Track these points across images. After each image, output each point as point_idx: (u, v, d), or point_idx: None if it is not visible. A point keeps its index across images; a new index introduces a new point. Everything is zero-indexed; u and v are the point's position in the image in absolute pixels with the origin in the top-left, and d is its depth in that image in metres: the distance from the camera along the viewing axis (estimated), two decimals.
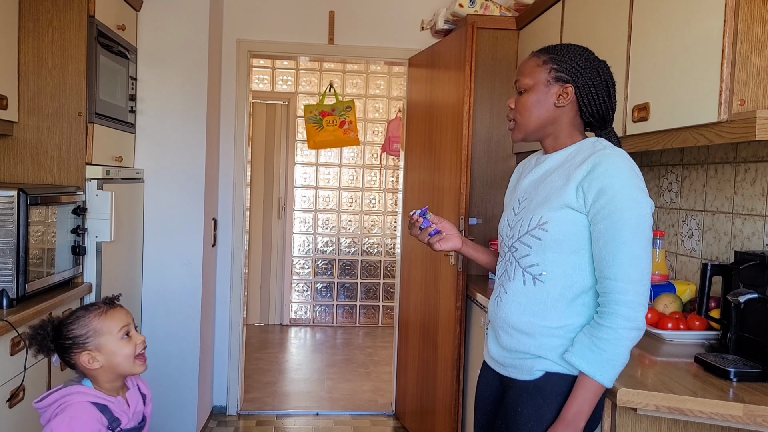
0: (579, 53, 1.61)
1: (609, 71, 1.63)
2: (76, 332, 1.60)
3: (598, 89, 1.60)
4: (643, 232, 1.46)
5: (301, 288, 6.29)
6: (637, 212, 1.46)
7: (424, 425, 3.51)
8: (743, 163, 2.09)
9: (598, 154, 1.53)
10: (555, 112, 1.61)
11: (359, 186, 6.28)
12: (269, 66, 6.12)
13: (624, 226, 1.45)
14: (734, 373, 1.58)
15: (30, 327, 1.62)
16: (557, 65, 1.60)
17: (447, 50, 3.34)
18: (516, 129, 1.68)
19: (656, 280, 2.26)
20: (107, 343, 1.61)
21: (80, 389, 1.61)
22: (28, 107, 2.71)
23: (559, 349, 1.53)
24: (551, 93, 1.61)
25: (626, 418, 1.58)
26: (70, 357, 1.62)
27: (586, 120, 1.64)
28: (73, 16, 2.71)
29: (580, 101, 1.61)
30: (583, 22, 2.46)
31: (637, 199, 1.46)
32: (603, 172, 1.49)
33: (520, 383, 1.58)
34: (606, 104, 1.61)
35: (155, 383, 3.36)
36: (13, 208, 2.24)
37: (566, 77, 1.60)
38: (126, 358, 1.62)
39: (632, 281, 1.45)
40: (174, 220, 3.36)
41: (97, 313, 1.63)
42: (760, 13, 1.61)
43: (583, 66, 1.59)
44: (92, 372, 1.62)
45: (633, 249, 1.45)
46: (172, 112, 3.35)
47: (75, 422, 1.54)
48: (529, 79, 1.63)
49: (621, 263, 1.45)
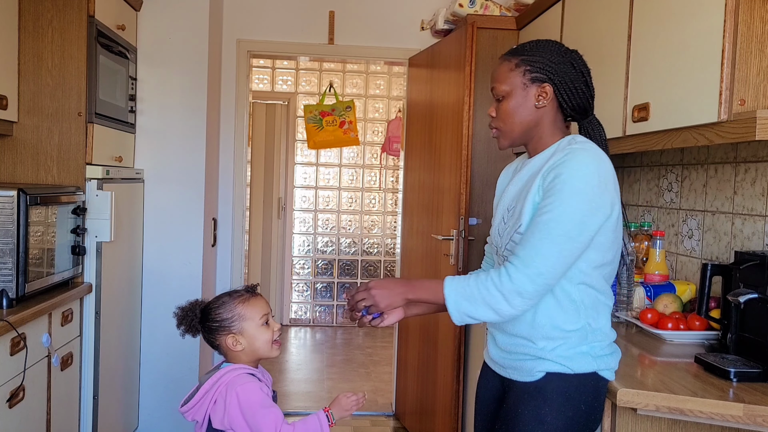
0: (550, 49, 1.58)
1: (582, 60, 1.60)
2: (223, 315, 1.74)
3: (576, 82, 1.57)
4: (563, 226, 1.43)
5: (301, 288, 6.29)
6: (574, 203, 1.44)
7: (424, 425, 3.51)
8: (743, 163, 2.09)
9: (566, 150, 1.51)
10: (537, 113, 1.59)
11: (359, 186, 6.28)
12: (269, 66, 6.12)
13: (555, 210, 1.44)
14: (734, 373, 1.58)
15: (179, 308, 1.78)
16: (531, 66, 1.57)
17: (447, 50, 3.34)
18: (501, 137, 1.65)
19: (656, 280, 2.26)
20: (249, 327, 1.75)
21: (229, 367, 1.74)
22: (27, 107, 2.71)
23: (559, 350, 1.53)
24: (530, 95, 1.58)
25: (626, 418, 1.58)
26: (215, 338, 1.76)
27: (568, 114, 1.62)
28: (72, 16, 2.71)
29: (559, 98, 1.58)
30: (583, 22, 2.46)
31: (582, 190, 1.44)
32: (563, 162, 1.48)
33: (521, 385, 1.57)
34: (585, 94, 1.59)
35: (155, 383, 3.36)
36: (13, 208, 2.24)
37: (542, 76, 1.57)
38: (265, 343, 1.76)
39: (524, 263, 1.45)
40: (174, 220, 3.36)
41: (241, 300, 1.77)
42: (760, 13, 1.61)
43: (557, 61, 1.56)
44: (235, 353, 1.76)
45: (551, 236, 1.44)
46: (172, 112, 3.35)
47: (249, 387, 1.68)
48: (505, 85, 1.60)
49: (536, 242, 1.45)
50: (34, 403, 2.29)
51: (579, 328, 1.53)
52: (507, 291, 1.46)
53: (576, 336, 1.53)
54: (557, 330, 1.53)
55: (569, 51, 1.60)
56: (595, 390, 1.54)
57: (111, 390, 2.98)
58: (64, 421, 2.58)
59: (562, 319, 1.53)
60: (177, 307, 1.78)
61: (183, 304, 1.79)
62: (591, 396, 1.54)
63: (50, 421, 2.43)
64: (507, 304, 1.47)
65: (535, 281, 1.45)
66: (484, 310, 1.49)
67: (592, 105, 1.62)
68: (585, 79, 1.59)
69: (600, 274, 1.55)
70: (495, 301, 1.47)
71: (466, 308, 1.50)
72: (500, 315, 1.49)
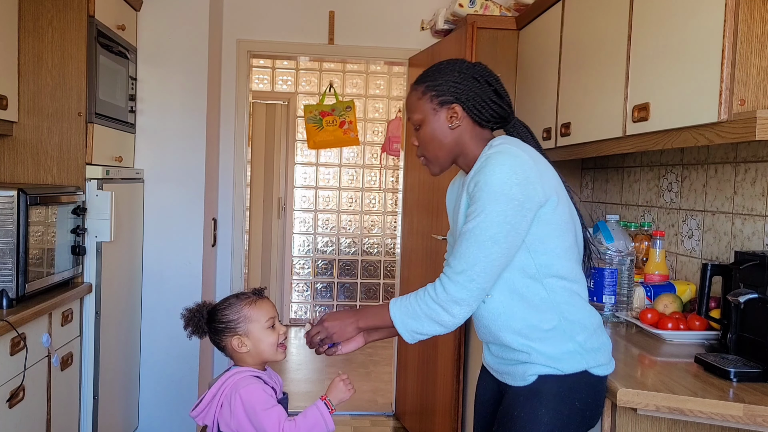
0: (451, 69, 1.62)
1: (486, 71, 1.63)
2: (229, 317, 1.74)
3: (483, 95, 1.60)
4: (488, 231, 1.45)
5: (301, 288, 6.29)
6: (492, 209, 1.45)
7: (424, 425, 3.51)
8: (743, 163, 2.09)
9: (482, 157, 1.54)
10: (454, 134, 1.62)
11: (359, 186, 6.28)
12: (269, 66, 6.12)
13: (479, 217, 1.46)
14: (734, 373, 1.57)
15: (187, 310, 1.78)
16: (436, 90, 1.61)
17: (447, 50, 3.34)
18: (429, 164, 1.69)
19: (656, 280, 2.26)
20: (255, 330, 1.74)
21: (234, 369, 1.74)
22: (27, 107, 2.71)
23: (545, 351, 1.52)
24: (442, 118, 1.61)
25: (626, 419, 1.58)
26: (221, 339, 1.76)
27: (487, 126, 1.64)
28: (72, 16, 2.71)
29: (470, 114, 1.61)
30: (583, 22, 2.46)
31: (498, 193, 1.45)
32: (480, 169, 1.50)
33: (516, 389, 1.58)
34: (497, 104, 1.62)
35: (155, 383, 3.36)
36: (13, 208, 2.24)
37: (449, 98, 1.60)
38: (270, 346, 1.75)
39: (456, 272, 1.49)
40: (174, 220, 3.36)
41: (247, 302, 1.77)
42: (761, 12, 1.61)
43: (460, 80, 1.60)
44: (240, 355, 1.76)
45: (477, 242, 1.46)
46: (172, 111, 3.35)
47: (252, 388, 1.68)
48: (417, 114, 1.64)
49: (466, 249, 1.47)
50: (34, 403, 2.29)
51: (555, 325, 1.52)
52: (444, 302, 1.50)
53: (556, 334, 1.53)
54: (535, 330, 1.53)
55: (471, 66, 1.63)
56: (588, 387, 1.54)
57: (111, 390, 2.98)
58: (64, 421, 2.58)
59: (536, 318, 1.53)
60: (184, 308, 1.79)
61: (190, 306, 1.80)
62: (585, 393, 1.54)
63: (50, 421, 2.43)
64: (447, 315, 1.50)
65: (469, 287, 1.48)
66: (429, 324, 1.53)
67: (509, 111, 1.65)
68: (493, 88, 1.62)
69: (567, 261, 1.54)
70: (436, 314, 1.51)
71: (412, 326, 1.54)
72: (445, 326, 1.53)
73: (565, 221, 1.54)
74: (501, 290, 1.54)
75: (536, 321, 1.52)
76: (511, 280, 1.53)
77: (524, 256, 1.51)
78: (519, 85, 3.10)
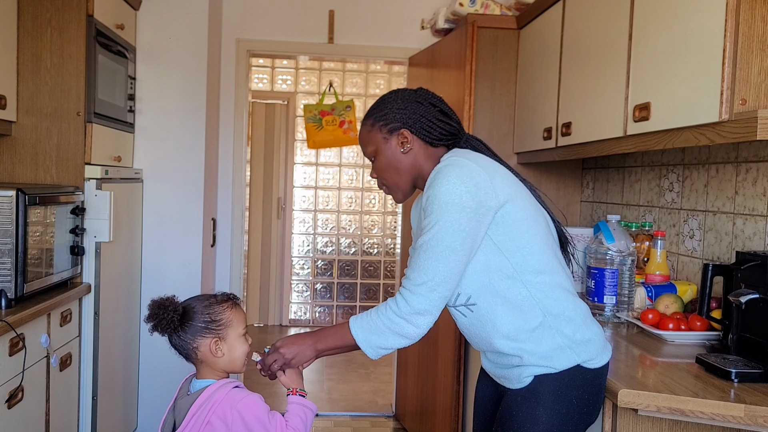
0: (393, 98, 1.68)
1: (428, 94, 1.69)
2: (212, 317, 1.63)
3: (428, 116, 1.64)
4: (444, 241, 1.47)
5: (301, 288, 6.28)
6: (445, 220, 1.47)
7: (424, 426, 3.50)
8: (744, 163, 2.08)
9: (433, 172, 1.56)
10: (407, 158, 1.66)
11: (359, 186, 6.27)
12: (268, 65, 6.11)
13: (434, 228, 1.48)
14: (735, 373, 1.57)
15: (154, 302, 1.62)
16: (383, 120, 1.66)
17: (447, 49, 3.34)
18: (392, 193, 1.73)
19: (657, 281, 2.25)
20: (231, 336, 1.64)
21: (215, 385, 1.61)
22: (26, 107, 2.70)
23: (536, 351, 1.53)
24: (393, 145, 1.66)
25: (627, 419, 1.58)
26: (195, 340, 1.62)
27: (439, 145, 1.67)
28: (71, 16, 2.70)
29: (420, 135, 1.65)
30: (583, 21, 2.45)
31: (448, 202, 1.47)
32: (430, 185, 1.54)
33: (514, 390, 1.58)
34: (444, 123, 1.66)
35: (154, 384, 3.36)
36: (12, 208, 2.23)
37: (396, 124, 1.65)
38: (241, 356, 1.66)
39: (416, 284, 1.50)
40: (173, 220, 3.36)
41: (228, 305, 1.66)
42: (762, 12, 1.60)
43: (402, 106, 1.65)
44: (213, 360, 1.63)
45: (434, 253, 1.48)
46: (171, 111, 3.34)
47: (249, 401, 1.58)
48: (370, 146, 1.70)
49: (423, 261, 1.50)
50: (32, 404, 2.28)
51: (540, 321, 1.52)
52: (407, 314, 1.51)
53: (543, 331, 1.53)
54: (522, 331, 1.53)
55: (413, 92, 1.69)
56: (584, 382, 1.54)
57: (110, 390, 2.98)
58: (63, 422, 2.57)
59: (521, 318, 1.53)
60: (151, 299, 1.64)
61: (157, 298, 1.63)
62: (581, 389, 1.54)
63: (49, 422, 2.43)
64: (412, 326, 1.52)
65: (430, 297, 1.50)
66: (394, 338, 1.54)
67: (458, 127, 1.69)
68: (438, 108, 1.67)
69: (542, 254, 1.54)
70: (400, 327, 1.52)
71: (376, 342, 1.56)
72: (409, 338, 1.54)
73: (531, 215, 1.55)
74: (484, 297, 1.55)
75: (521, 321, 1.53)
76: (492, 284, 1.53)
77: (499, 258, 1.52)
78: (519, 84, 3.10)
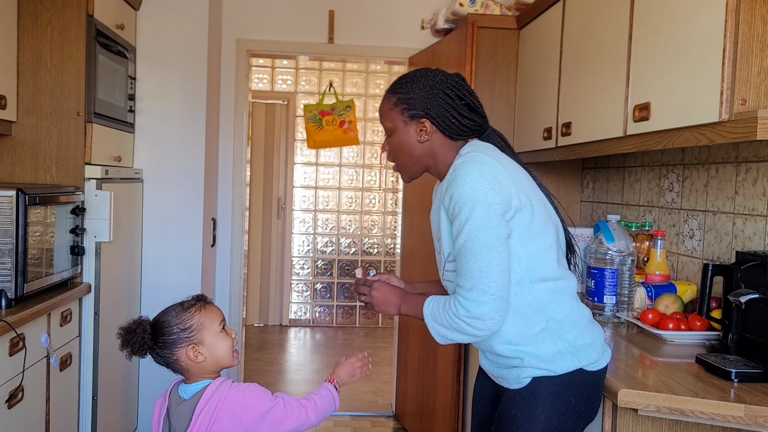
0: (422, 83, 1.60)
1: (459, 85, 1.61)
2: (180, 326, 1.63)
3: (454, 109, 1.59)
4: (479, 238, 1.45)
5: (301, 288, 6.28)
6: (475, 217, 1.45)
7: (424, 426, 3.50)
8: (744, 163, 2.08)
9: (452, 169, 1.54)
10: (423, 146, 1.62)
11: (359, 186, 6.27)
12: (269, 65, 6.11)
13: (465, 230, 1.46)
14: (735, 373, 1.57)
15: (122, 329, 1.61)
16: (406, 104, 1.60)
17: (447, 49, 3.34)
18: (400, 172, 1.71)
19: (657, 281, 2.25)
20: (208, 336, 1.64)
21: (214, 384, 1.64)
22: (26, 107, 2.70)
23: (537, 354, 1.53)
24: (411, 132, 1.62)
25: (627, 419, 1.58)
26: (172, 352, 1.63)
27: (459, 138, 1.63)
28: (72, 16, 2.70)
29: (441, 129, 1.60)
30: (583, 21, 2.45)
31: (475, 200, 1.45)
32: (452, 180, 1.50)
33: (512, 391, 1.58)
34: (468, 119, 1.61)
35: (154, 384, 3.35)
36: (12, 208, 2.23)
37: (418, 113, 1.59)
38: (227, 351, 1.67)
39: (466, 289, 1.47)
40: (173, 220, 3.36)
41: (196, 308, 1.67)
42: (762, 12, 1.60)
43: (430, 95, 1.58)
44: (197, 366, 1.64)
45: (473, 254, 1.45)
46: (171, 111, 3.34)
47: (250, 392, 1.62)
48: (388, 122, 1.65)
49: (466, 265, 1.47)
50: (33, 404, 2.28)
51: (543, 326, 1.53)
52: (465, 318, 1.48)
53: (545, 336, 1.53)
54: (524, 337, 1.53)
55: (445, 79, 1.61)
56: (583, 383, 1.54)
57: (110, 390, 2.97)
58: (63, 422, 2.57)
59: (524, 324, 1.53)
60: (119, 327, 1.64)
61: (125, 324, 1.63)
62: (580, 389, 1.54)
63: (49, 422, 2.43)
64: (473, 329, 1.49)
65: (484, 300, 1.46)
66: (458, 335, 1.52)
67: (483, 121, 1.64)
68: (465, 102, 1.61)
69: (550, 260, 1.55)
70: (462, 328, 1.50)
71: (444, 333, 1.54)
72: (474, 337, 1.52)
73: (543, 222, 1.54)
74: None
75: (524, 327, 1.53)
76: None
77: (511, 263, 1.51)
78: (519, 84, 3.10)
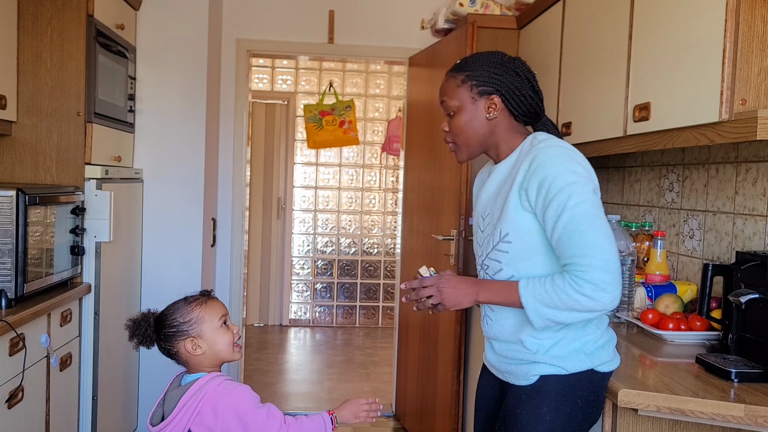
0: (493, 61, 1.62)
1: (525, 66, 1.64)
2: (179, 320, 1.69)
3: (522, 89, 1.61)
4: (586, 212, 1.44)
5: (301, 288, 6.28)
6: (576, 193, 1.44)
7: (424, 426, 3.50)
8: (744, 163, 2.08)
9: (533, 151, 1.54)
10: (489, 125, 1.62)
11: (359, 186, 6.27)
12: (269, 65, 6.11)
13: (569, 205, 1.44)
14: (735, 373, 1.57)
15: (130, 320, 1.71)
16: (476, 80, 1.61)
17: (447, 49, 3.34)
18: (458, 151, 1.69)
19: (657, 281, 2.25)
20: (207, 330, 1.69)
21: (206, 377, 1.66)
22: (26, 107, 2.70)
23: (553, 350, 1.54)
24: (480, 108, 1.62)
25: (627, 419, 1.58)
26: (173, 345, 1.70)
27: (521, 120, 1.65)
28: (72, 16, 2.70)
29: (509, 107, 1.62)
30: (583, 21, 2.45)
31: (572, 181, 1.46)
32: (537, 166, 1.50)
33: (518, 388, 1.58)
34: (534, 100, 1.63)
35: (154, 384, 3.35)
36: (12, 208, 2.23)
37: (489, 89, 1.60)
38: (227, 345, 1.70)
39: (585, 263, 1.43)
40: (173, 220, 3.36)
41: (197, 303, 1.72)
42: (762, 12, 1.60)
43: (501, 72, 1.60)
44: (196, 359, 1.69)
45: (585, 225, 1.43)
46: (171, 111, 3.34)
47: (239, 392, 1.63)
48: (454, 100, 1.64)
49: (579, 240, 1.44)
50: (33, 404, 2.28)
51: (569, 324, 1.52)
52: (590, 292, 1.43)
53: (564, 333, 1.53)
54: (548, 331, 1.53)
55: (512, 59, 1.64)
56: (591, 384, 1.55)
57: (110, 390, 2.97)
58: (63, 422, 2.57)
59: None
60: (128, 318, 1.72)
61: (133, 316, 1.73)
62: (587, 390, 1.54)
63: (49, 422, 2.43)
64: (596, 303, 1.43)
65: (608, 269, 1.43)
66: (570, 314, 1.47)
67: (542, 108, 1.66)
68: (531, 84, 1.63)
69: None
70: (581, 305, 1.44)
71: (548, 314, 1.48)
72: (591, 314, 1.47)
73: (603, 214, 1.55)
74: None
75: None
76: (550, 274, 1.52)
77: None
78: None
